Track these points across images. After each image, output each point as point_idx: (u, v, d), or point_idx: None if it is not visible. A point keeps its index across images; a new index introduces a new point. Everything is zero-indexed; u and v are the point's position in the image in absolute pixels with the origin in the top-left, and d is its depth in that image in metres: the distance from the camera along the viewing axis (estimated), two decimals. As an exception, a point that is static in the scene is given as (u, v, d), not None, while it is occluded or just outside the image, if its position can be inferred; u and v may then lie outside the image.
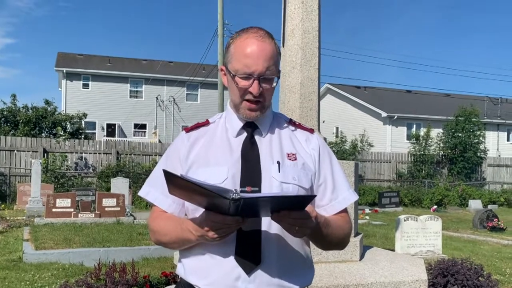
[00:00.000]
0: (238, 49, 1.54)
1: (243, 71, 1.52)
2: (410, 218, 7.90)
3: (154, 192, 1.64)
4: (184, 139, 1.63)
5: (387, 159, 22.07)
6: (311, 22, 4.38)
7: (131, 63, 34.47)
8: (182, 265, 1.60)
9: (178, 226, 1.52)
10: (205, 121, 1.68)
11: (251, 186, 1.49)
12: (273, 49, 1.55)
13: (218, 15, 19.48)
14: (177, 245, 1.58)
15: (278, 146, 1.59)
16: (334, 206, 1.63)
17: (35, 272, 6.25)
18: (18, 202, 14.30)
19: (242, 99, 1.55)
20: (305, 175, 1.57)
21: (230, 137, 1.60)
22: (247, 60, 1.51)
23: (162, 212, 1.62)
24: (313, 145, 1.64)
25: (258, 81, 1.51)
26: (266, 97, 1.56)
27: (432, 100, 31.94)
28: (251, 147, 1.57)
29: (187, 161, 1.58)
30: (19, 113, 19.94)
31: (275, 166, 1.53)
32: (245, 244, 1.47)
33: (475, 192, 20.15)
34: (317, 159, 1.63)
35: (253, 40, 1.53)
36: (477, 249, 9.15)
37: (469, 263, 5.15)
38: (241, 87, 1.53)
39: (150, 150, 18.73)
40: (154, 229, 1.62)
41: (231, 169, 1.52)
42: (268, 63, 1.52)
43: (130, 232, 9.26)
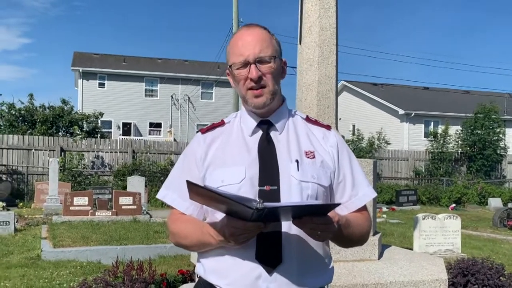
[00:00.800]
0: (231, 44, 1.57)
1: (238, 60, 1.53)
2: (429, 216, 7.79)
3: (172, 195, 1.63)
4: (200, 140, 1.63)
5: (405, 157, 21.86)
6: (329, 19, 4.33)
7: (147, 62, 34.68)
8: (201, 265, 1.59)
9: (199, 229, 1.51)
10: (220, 122, 1.67)
11: (270, 185, 1.48)
12: (263, 33, 1.57)
13: (233, 13, 19.47)
14: (197, 248, 1.57)
15: (296, 144, 1.57)
16: (354, 203, 1.61)
17: (53, 269, 6.30)
18: (36, 201, 14.47)
19: (246, 89, 1.55)
20: (324, 173, 1.55)
21: (246, 136, 1.59)
22: (240, 49, 1.53)
23: (181, 215, 1.61)
24: (331, 142, 1.62)
25: (255, 65, 1.52)
26: (267, 79, 1.54)
27: (451, 97, 31.55)
28: (267, 145, 1.55)
29: (204, 163, 1.57)
30: (37, 112, 20.17)
31: (294, 165, 1.52)
32: (265, 244, 1.45)
33: (494, 190, 19.84)
34: (336, 157, 1.60)
35: (242, 32, 1.57)
36: (497, 248, 9.00)
37: (490, 262, 5.05)
38: (241, 77, 1.54)
39: (165, 149, 18.81)
40: (174, 232, 1.62)
41: (248, 168, 1.50)
42: (260, 45, 1.53)
43: (146, 230, 9.30)
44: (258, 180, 1.49)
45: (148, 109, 32.65)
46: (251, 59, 1.51)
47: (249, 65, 1.52)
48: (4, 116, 19.79)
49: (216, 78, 31.18)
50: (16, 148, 16.84)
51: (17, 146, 16.87)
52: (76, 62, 32.21)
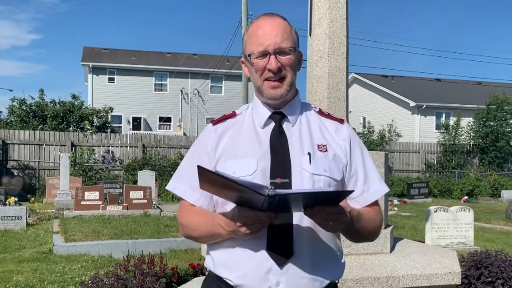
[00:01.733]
0: (250, 33, 1.55)
1: (258, 50, 1.50)
2: (441, 209, 7.72)
3: (182, 186, 1.62)
4: (211, 131, 1.61)
5: (416, 149, 21.70)
6: (339, 10, 4.28)
7: (156, 57, 34.73)
8: (211, 258, 1.57)
9: (209, 220, 1.49)
10: (231, 113, 1.65)
11: (281, 178, 1.46)
12: (284, 23, 1.54)
13: (242, 6, 19.38)
14: (207, 240, 1.55)
15: (308, 137, 1.55)
16: (365, 198, 1.59)
17: (65, 263, 6.34)
18: (47, 195, 14.59)
19: (263, 80, 1.52)
20: (336, 167, 1.53)
21: (258, 128, 1.57)
22: (260, 39, 1.50)
23: (191, 206, 1.59)
24: (343, 136, 1.60)
25: (274, 56, 1.49)
26: (286, 71, 1.52)
27: (462, 89, 31.22)
28: (279, 137, 1.53)
29: (215, 154, 1.55)
30: (47, 107, 20.30)
31: (306, 158, 1.50)
32: (276, 237, 1.43)
33: (507, 182, 19.63)
34: (348, 151, 1.58)
35: (262, 21, 1.54)
36: (510, 241, 8.91)
37: (503, 255, 4.99)
38: (259, 67, 1.51)
39: (175, 143, 18.85)
40: (184, 224, 1.60)
41: (260, 160, 1.48)
42: (281, 36, 1.50)
43: (157, 224, 9.33)
44: (270, 173, 1.47)
45: (157, 103, 32.72)
46: (271, 50, 1.49)
47: (269, 55, 1.49)
48: (15, 112, 19.94)
49: (225, 72, 31.14)
50: (27, 143, 16.98)
51: (28, 141, 17.01)
52: (85, 57, 32.34)
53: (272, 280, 1.42)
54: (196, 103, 33.60)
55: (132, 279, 4.27)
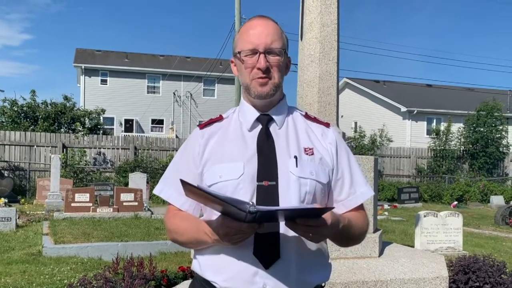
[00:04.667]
0: (242, 32, 1.57)
1: (247, 48, 1.53)
2: (430, 214, 7.77)
3: (168, 190, 1.62)
4: (198, 136, 1.61)
5: (407, 154, 21.82)
6: (330, 15, 4.31)
7: (149, 59, 34.68)
8: (197, 262, 1.57)
9: (195, 227, 1.50)
10: (218, 117, 1.66)
11: (268, 181, 1.47)
12: (276, 26, 1.57)
13: (235, 10, 19.42)
14: (193, 245, 1.56)
15: (295, 140, 1.56)
16: (352, 201, 1.61)
17: (54, 265, 6.31)
18: (38, 197, 14.50)
19: (251, 78, 1.54)
20: (322, 170, 1.54)
21: (244, 131, 1.57)
22: (250, 37, 1.53)
23: (178, 211, 1.60)
24: (329, 140, 1.61)
25: (264, 55, 1.51)
26: (274, 72, 1.54)
27: (453, 94, 31.45)
28: (266, 141, 1.54)
29: (202, 159, 1.56)
30: (39, 108, 20.20)
31: (293, 161, 1.50)
32: (263, 240, 1.43)
33: (497, 188, 19.80)
34: (335, 154, 1.59)
35: (254, 21, 1.57)
36: (499, 246, 8.98)
37: (491, 260, 5.03)
38: (249, 65, 1.53)
39: (167, 146, 18.82)
40: (171, 228, 1.61)
41: (247, 164, 1.49)
42: (272, 37, 1.53)
43: (147, 227, 9.31)
44: (257, 176, 1.48)
45: (150, 105, 32.66)
46: (261, 49, 1.51)
47: (258, 54, 1.51)
48: (6, 113, 19.81)
49: (218, 75, 31.15)
50: (18, 144, 16.87)
51: (19, 142, 16.90)
52: (78, 59, 32.23)
53: (259, 282, 1.43)
54: (188, 105, 33.57)
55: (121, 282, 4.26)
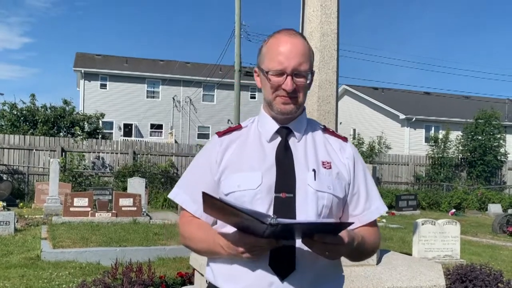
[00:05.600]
0: (270, 47, 1.55)
1: (275, 68, 1.51)
2: (428, 222, 7.80)
3: (183, 195, 1.63)
4: (216, 144, 1.61)
5: (405, 161, 21.87)
6: (330, 24, 4.35)
7: (148, 64, 34.74)
8: (211, 270, 1.58)
9: (211, 238, 1.50)
10: (237, 126, 1.67)
11: (286, 193, 1.48)
12: (305, 45, 1.55)
13: (235, 16, 19.51)
14: (207, 255, 1.58)
15: (313, 153, 1.57)
16: (366, 216, 1.62)
17: (53, 270, 6.32)
18: (36, 201, 14.49)
19: (275, 95, 1.54)
20: (339, 185, 1.56)
21: (264, 142, 1.58)
22: (279, 57, 1.51)
23: (193, 218, 1.61)
24: (347, 154, 1.63)
25: (291, 77, 1.50)
26: (300, 93, 1.54)
27: (451, 102, 31.56)
28: (285, 153, 1.55)
29: (220, 167, 1.57)
30: (38, 112, 20.21)
31: (311, 174, 1.52)
32: (279, 252, 1.44)
33: (494, 196, 19.84)
34: (352, 169, 1.61)
35: (285, 38, 1.54)
36: (496, 254, 9.00)
37: (488, 269, 5.07)
38: (274, 83, 1.52)
39: (166, 151, 18.84)
40: (185, 235, 1.62)
41: (265, 174, 1.50)
42: (300, 59, 1.51)
43: (146, 232, 9.31)
44: (275, 187, 1.49)
45: (149, 110, 32.70)
46: (289, 71, 1.50)
47: (286, 75, 1.50)
48: (5, 116, 19.84)
49: (218, 81, 31.22)
50: (17, 148, 16.88)
51: (18, 146, 16.91)
52: (78, 63, 32.28)
53: None
54: (188, 111, 33.60)
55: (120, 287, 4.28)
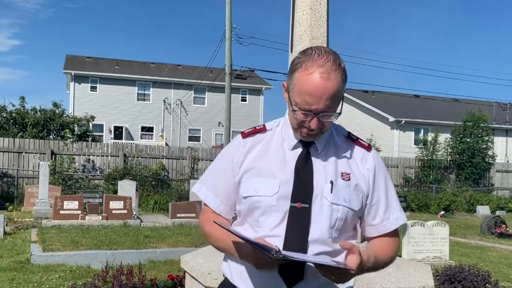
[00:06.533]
0: (300, 82, 1.47)
1: (303, 106, 1.47)
2: (417, 223, 7.87)
3: (206, 190, 1.68)
4: (239, 145, 1.64)
5: (395, 164, 22.01)
6: (320, 28, 4.39)
7: (139, 66, 34.66)
8: (228, 266, 1.65)
9: (227, 241, 1.56)
10: (262, 127, 1.67)
11: (302, 203, 1.51)
12: (337, 84, 1.48)
13: (226, 20, 19.54)
14: (224, 253, 1.66)
15: (333, 164, 1.58)
16: (385, 226, 1.64)
17: (43, 274, 6.28)
18: (26, 204, 14.39)
19: (300, 126, 1.53)
20: (356, 197, 1.58)
21: (286, 149, 1.59)
22: (308, 98, 1.46)
23: (214, 215, 1.65)
24: (368, 165, 1.63)
25: (317, 118, 1.48)
26: (324, 127, 1.54)
27: (440, 105, 31.82)
28: (305, 164, 1.56)
29: (241, 169, 1.60)
30: (28, 115, 20.08)
31: (328, 186, 1.54)
32: (288, 263, 1.48)
33: (483, 198, 20.03)
34: (372, 180, 1.62)
35: (316, 79, 1.45)
36: (484, 256, 9.09)
37: (476, 270, 5.13)
38: (301, 117, 1.50)
39: (157, 153, 18.79)
40: (205, 232, 1.68)
41: (283, 183, 1.53)
42: (329, 102, 1.47)
43: (137, 235, 9.28)
44: (291, 197, 1.52)
45: (140, 113, 32.59)
46: (316, 112, 1.47)
47: (313, 116, 1.48)
48: (-5, 119, 19.68)
49: (209, 83, 31.21)
50: (6, 150, 16.75)
51: (7, 149, 16.78)
52: (68, 65, 32.11)
53: None
54: (178, 113, 33.55)
55: (111, 290, 4.27)
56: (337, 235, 1.54)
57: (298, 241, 1.49)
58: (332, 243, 1.53)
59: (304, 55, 1.51)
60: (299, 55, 1.53)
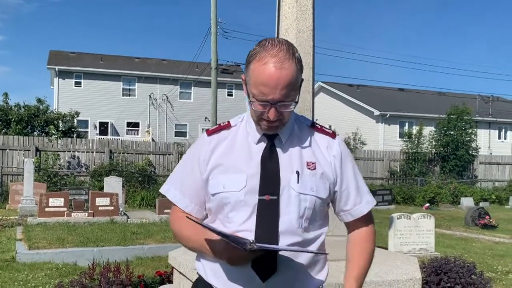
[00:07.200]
0: (255, 73, 1.48)
1: (260, 97, 1.48)
2: (403, 216, 7.95)
3: (174, 191, 1.68)
4: (205, 142, 1.64)
5: (380, 157, 22.17)
6: (305, 21, 4.39)
7: (124, 61, 34.33)
8: (201, 265, 1.65)
9: (198, 240, 1.57)
10: (226, 124, 1.67)
11: (270, 195, 1.52)
12: (291, 73, 1.47)
13: (211, 14, 19.44)
14: (196, 252, 1.67)
15: (298, 154, 1.59)
16: (358, 210, 1.68)
17: (29, 272, 6.22)
18: (11, 202, 14.22)
19: (259, 118, 1.54)
20: (323, 184, 1.59)
21: (251, 143, 1.60)
22: (264, 88, 1.46)
23: (183, 214, 1.65)
24: (334, 152, 1.64)
25: (275, 108, 1.49)
26: (284, 118, 1.54)
27: (425, 98, 32.10)
28: (270, 156, 1.57)
29: (207, 166, 1.60)
30: (11, 111, 19.82)
31: (294, 176, 1.55)
32: (261, 256, 1.49)
33: (467, 190, 20.30)
34: (339, 167, 1.63)
35: (270, 69, 1.45)
36: (469, 247, 9.22)
37: (462, 261, 5.19)
38: (259, 109, 1.51)
39: (143, 149, 18.68)
40: (175, 232, 1.68)
41: (250, 177, 1.54)
42: (285, 91, 1.47)
43: (123, 232, 9.24)
44: (259, 190, 1.53)
45: (125, 108, 32.33)
46: (273, 102, 1.47)
47: (270, 106, 1.48)
48: (-23, 116, 19.39)
49: (194, 78, 31.06)
50: (-11, 148, 16.52)
51: (-10, 146, 16.55)
52: (52, 61, 31.69)
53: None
54: (165, 108, 33.36)
55: None
56: (307, 225, 1.56)
57: (269, 234, 1.49)
58: (303, 233, 1.55)
59: (258, 46, 1.51)
60: (254, 47, 1.54)
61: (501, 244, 9.74)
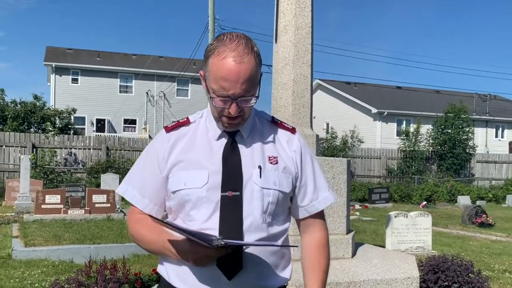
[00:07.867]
0: (214, 68, 1.45)
1: (220, 93, 1.45)
2: (401, 214, 7.93)
3: (132, 191, 1.61)
4: (164, 139, 1.60)
5: (377, 155, 22.18)
6: (304, 18, 4.37)
7: (121, 58, 34.24)
8: (164, 268, 1.60)
9: (160, 242, 1.52)
10: (185, 120, 1.65)
11: (232, 191, 1.50)
12: (251, 67, 1.45)
13: (209, 11, 19.39)
14: (157, 255, 1.61)
15: (260, 149, 1.58)
16: (314, 206, 1.66)
17: (25, 269, 6.19)
18: (7, 198, 14.16)
19: (220, 115, 1.52)
20: (286, 179, 1.58)
21: (211, 140, 1.58)
22: (224, 83, 1.44)
23: (142, 215, 1.60)
24: (294, 147, 1.63)
25: (236, 103, 1.46)
26: (245, 113, 1.52)
27: (422, 97, 32.14)
28: (232, 152, 1.55)
29: (167, 164, 1.56)
30: (8, 108, 19.76)
31: (257, 171, 1.53)
32: (226, 254, 1.47)
33: (464, 188, 20.33)
34: (299, 161, 1.62)
35: (230, 63, 1.42)
36: (466, 245, 9.22)
37: (459, 260, 5.18)
38: (219, 105, 1.48)
39: (140, 146, 18.65)
40: (134, 236, 1.61)
41: (212, 173, 1.51)
42: (246, 85, 1.44)
43: (120, 229, 9.20)
44: (221, 186, 1.50)
45: (122, 105, 32.26)
46: (234, 97, 1.45)
47: (231, 102, 1.46)
48: (-27, 112, 19.32)
49: (192, 75, 31.02)
50: (-15, 144, 16.45)
51: (-14, 142, 16.48)
52: (48, 57, 31.58)
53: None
54: (162, 105, 33.30)
55: (94, 286, 4.22)
56: (271, 220, 1.54)
57: (233, 231, 1.47)
58: (267, 228, 1.53)
59: (216, 41, 1.49)
60: (212, 41, 1.51)
61: (497, 243, 9.74)
